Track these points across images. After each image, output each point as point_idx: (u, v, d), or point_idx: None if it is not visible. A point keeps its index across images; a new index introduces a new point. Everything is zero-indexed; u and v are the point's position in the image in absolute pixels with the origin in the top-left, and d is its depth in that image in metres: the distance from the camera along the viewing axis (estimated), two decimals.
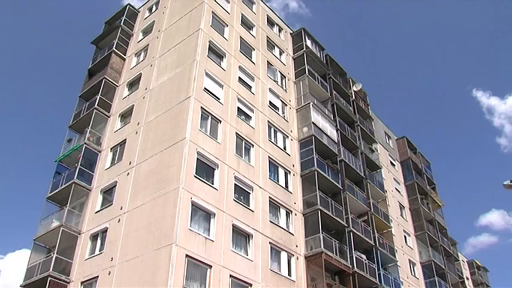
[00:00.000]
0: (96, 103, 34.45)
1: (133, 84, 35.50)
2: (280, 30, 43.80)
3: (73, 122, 35.64)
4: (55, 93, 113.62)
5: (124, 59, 38.45)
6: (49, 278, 26.84)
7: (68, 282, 27.42)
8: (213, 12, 35.06)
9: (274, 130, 34.46)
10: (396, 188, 50.11)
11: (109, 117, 34.68)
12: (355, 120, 43.80)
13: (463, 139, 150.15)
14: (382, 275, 35.87)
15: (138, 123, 31.25)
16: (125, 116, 33.77)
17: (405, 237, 46.85)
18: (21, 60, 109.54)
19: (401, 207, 49.24)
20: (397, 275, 39.12)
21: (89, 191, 30.97)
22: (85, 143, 32.27)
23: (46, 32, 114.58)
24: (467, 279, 72.92)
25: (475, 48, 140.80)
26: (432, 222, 51.32)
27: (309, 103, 37.40)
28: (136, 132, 30.78)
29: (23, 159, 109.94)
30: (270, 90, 36.39)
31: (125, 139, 31.40)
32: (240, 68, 34.55)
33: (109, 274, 25.14)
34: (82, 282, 26.81)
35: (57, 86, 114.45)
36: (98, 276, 25.83)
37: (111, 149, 32.28)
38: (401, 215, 48.30)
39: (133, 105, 33.16)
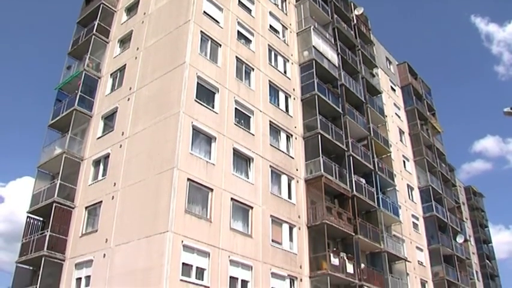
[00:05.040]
0: (95, 29, 33.86)
1: (131, 9, 34.67)
2: None
3: (72, 49, 35.18)
4: (53, 20, 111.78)
5: None
6: (54, 204, 27.40)
7: (73, 208, 28.03)
8: None
9: (275, 54, 34.02)
10: (396, 113, 50.11)
11: (108, 43, 34.17)
12: (356, 44, 43.17)
13: (460, 66, 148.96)
14: (380, 198, 36.51)
15: (138, 48, 30.81)
16: (124, 41, 33.24)
17: (404, 162, 47.37)
18: None
19: (401, 132, 49.47)
20: (395, 199, 39.84)
21: (90, 118, 31.06)
22: (84, 70, 32.00)
23: None
24: (463, 204, 74.44)
25: None
26: (431, 148, 51.70)
27: (310, 27, 36.72)
28: (136, 58, 30.40)
29: (23, 87, 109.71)
30: (270, 13, 35.60)
31: (125, 64, 31.07)
32: None
33: (112, 199, 25.67)
34: (86, 207, 27.41)
35: (54, 13, 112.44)
36: (101, 201, 26.41)
37: (110, 74, 32.04)
38: (401, 140, 48.60)
39: (132, 31, 32.55)
